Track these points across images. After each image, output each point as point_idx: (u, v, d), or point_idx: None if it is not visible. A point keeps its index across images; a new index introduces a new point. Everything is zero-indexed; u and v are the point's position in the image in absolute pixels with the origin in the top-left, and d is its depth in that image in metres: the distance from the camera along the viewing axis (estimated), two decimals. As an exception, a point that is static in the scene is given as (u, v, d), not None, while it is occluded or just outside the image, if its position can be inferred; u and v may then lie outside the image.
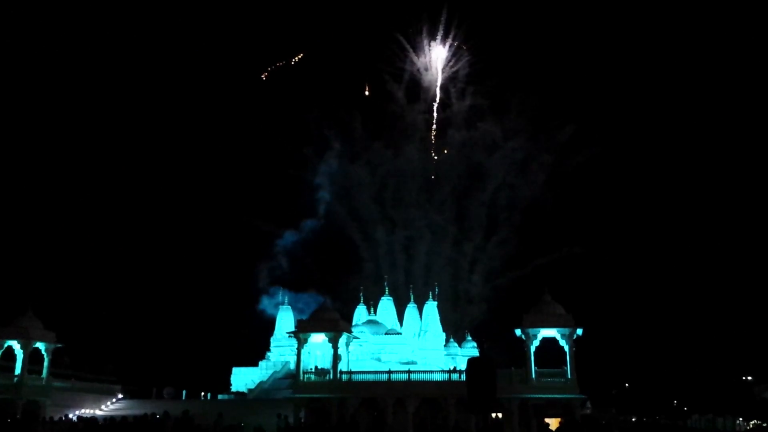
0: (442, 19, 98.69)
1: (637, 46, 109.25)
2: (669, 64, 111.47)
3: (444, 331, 79.79)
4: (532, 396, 49.34)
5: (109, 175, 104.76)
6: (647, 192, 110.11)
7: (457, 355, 77.70)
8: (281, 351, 76.05)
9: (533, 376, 49.96)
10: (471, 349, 78.76)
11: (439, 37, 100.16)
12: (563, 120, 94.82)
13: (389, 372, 55.21)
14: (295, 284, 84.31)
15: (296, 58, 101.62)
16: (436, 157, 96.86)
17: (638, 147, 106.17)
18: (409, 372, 55.51)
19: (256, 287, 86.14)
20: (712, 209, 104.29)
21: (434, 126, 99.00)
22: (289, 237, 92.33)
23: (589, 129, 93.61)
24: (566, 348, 50.27)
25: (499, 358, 51.93)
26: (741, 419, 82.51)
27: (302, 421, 49.04)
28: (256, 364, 76.25)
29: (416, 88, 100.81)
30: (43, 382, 54.83)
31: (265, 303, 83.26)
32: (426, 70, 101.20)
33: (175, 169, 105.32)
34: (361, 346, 70.93)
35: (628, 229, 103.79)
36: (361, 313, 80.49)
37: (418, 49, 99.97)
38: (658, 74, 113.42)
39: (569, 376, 49.68)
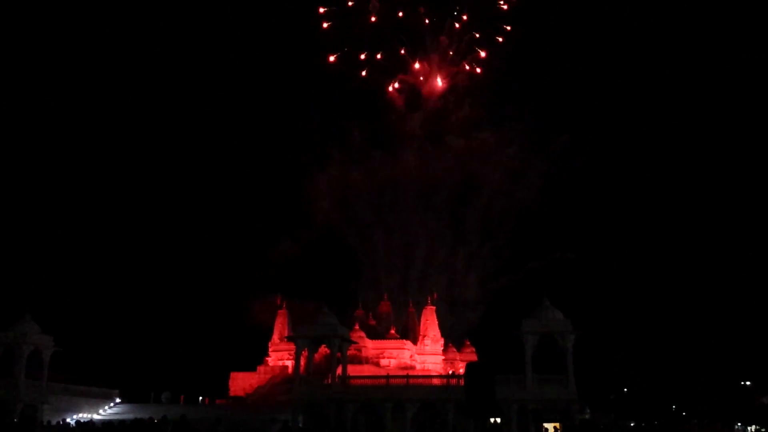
0: (445, 27, 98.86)
1: (631, 55, 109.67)
2: (663, 73, 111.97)
3: (443, 335, 79.85)
4: (530, 400, 49.33)
5: (108, 180, 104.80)
6: (642, 199, 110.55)
7: (455, 359, 77.73)
8: (279, 356, 76.03)
9: (532, 380, 49.96)
10: (469, 354, 78.79)
11: (439, 46, 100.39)
12: (558, 129, 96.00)
13: (387, 377, 55.22)
14: (293, 289, 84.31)
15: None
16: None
17: (632, 154, 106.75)
18: (407, 377, 55.52)
19: (254, 292, 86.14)
20: (710, 214, 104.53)
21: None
22: (287, 243, 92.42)
23: (583, 138, 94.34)
24: (565, 352, 50.29)
25: (497, 363, 52.07)
26: (739, 424, 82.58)
27: (300, 426, 48.96)
28: (254, 369, 76.18)
29: (415, 96, 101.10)
30: (41, 387, 54.72)
31: (262, 308, 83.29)
32: (425, 79, 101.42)
33: (174, 176, 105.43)
34: (359, 350, 70.96)
35: (624, 235, 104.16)
36: (359, 317, 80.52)
37: (418, 57, 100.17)
38: (652, 83, 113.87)
39: (568, 381, 49.69)
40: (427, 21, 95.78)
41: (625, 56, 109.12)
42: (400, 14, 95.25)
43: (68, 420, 48.52)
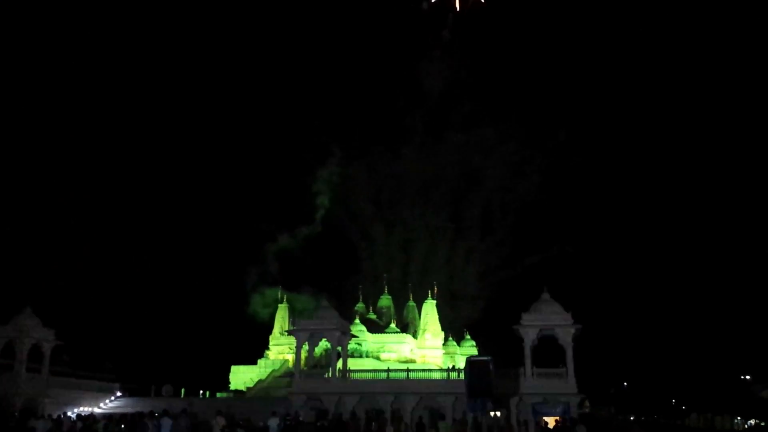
0: (446, 26, 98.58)
1: (630, 52, 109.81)
2: (660, 69, 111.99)
3: (443, 329, 79.94)
4: (530, 394, 49.37)
5: (109, 174, 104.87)
6: (641, 193, 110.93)
7: (455, 353, 77.82)
8: (280, 349, 76.19)
9: (531, 374, 49.99)
10: (470, 348, 78.87)
11: (441, 44, 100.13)
12: (557, 125, 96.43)
13: (388, 370, 55.25)
14: (294, 283, 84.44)
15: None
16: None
17: (630, 149, 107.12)
18: (407, 370, 55.55)
19: (255, 286, 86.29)
20: (709, 208, 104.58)
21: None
22: (289, 237, 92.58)
23: (582, 133, 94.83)
24: (565, 346, 50.28)
25: (497, 357, 52.11)
26: (739, 418, 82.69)
27: (301, 419, 49.05)
28: (254, 363, 76.34)
29: (417, 91, 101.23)
30: (42, 380, 54.81)
31: (263, 302, 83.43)
32: (427, 74, 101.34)
33: (176, 170, 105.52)
34: (359, 344, 71.00)
35: (624, 229, 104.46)
36: (360, 311, 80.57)
37: (419, 54, 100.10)
38: (649, 79, 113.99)
39: (568, 375, 49.70)
40: None
41: (623, 53, 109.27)
42: None
43: (69, 413, 48.63)
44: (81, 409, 55.40)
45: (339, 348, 55.86)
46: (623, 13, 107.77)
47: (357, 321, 75.08)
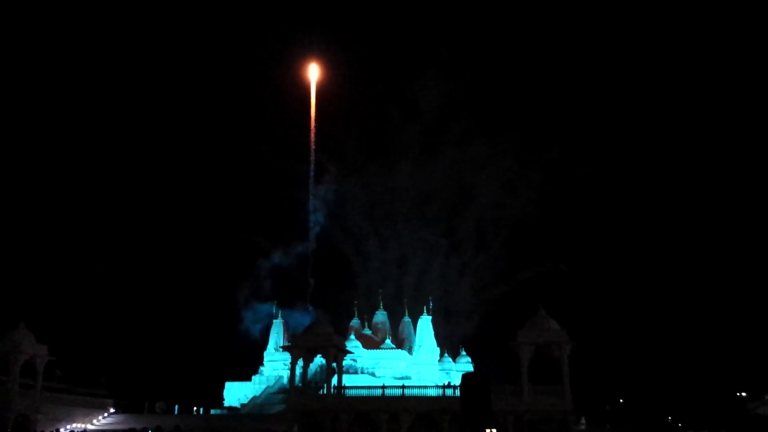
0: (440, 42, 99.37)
1: (622, 70, 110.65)
2: (652, 88, 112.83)
3: (438, 345, 79.74)
4: (526, 411, 49.23)
5: (104, 190, 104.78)
6: (634, 211, 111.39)
7: (451, 370, 77.53)
8: (274, 366, 75.81)
9: (527, 391, 49.87)
10: (465, 364, 78.63)
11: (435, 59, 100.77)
12: (550, 142, 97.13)
13: (383, 387, 55.03)
14: (289, 299, 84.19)
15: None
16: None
17: (623, 166, 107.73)
18: (403, 387, 55.34)
19: (250, 302, 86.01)
20: (703, 226, 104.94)
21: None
22: (283, 252, 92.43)
23: (575, 150, 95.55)
24: (560, 363, 50.22)
25: (493, 373, 52.01)
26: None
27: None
28: (249, 379, 75.97)
29: (412, 109, 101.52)
30: (35, 396, 54.42)
31: (257, 318, 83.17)
32: (422, 91, 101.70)
33: (170, 188, 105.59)
34: (355, 360, 70.75)
35: (620, 245, 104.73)
36: (355, 327, 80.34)
37: (414, 72, 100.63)
38: (642, 97, 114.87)
39: (564, 392, 49.60)
40: None
41: (615, 71, 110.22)
42: None
43: (62, 430, 48.29)
44: (74, 425, 54.99)
45: (334, 364, 55.66)
46: (616, 26, 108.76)
47: (352, 337, 74.82)
